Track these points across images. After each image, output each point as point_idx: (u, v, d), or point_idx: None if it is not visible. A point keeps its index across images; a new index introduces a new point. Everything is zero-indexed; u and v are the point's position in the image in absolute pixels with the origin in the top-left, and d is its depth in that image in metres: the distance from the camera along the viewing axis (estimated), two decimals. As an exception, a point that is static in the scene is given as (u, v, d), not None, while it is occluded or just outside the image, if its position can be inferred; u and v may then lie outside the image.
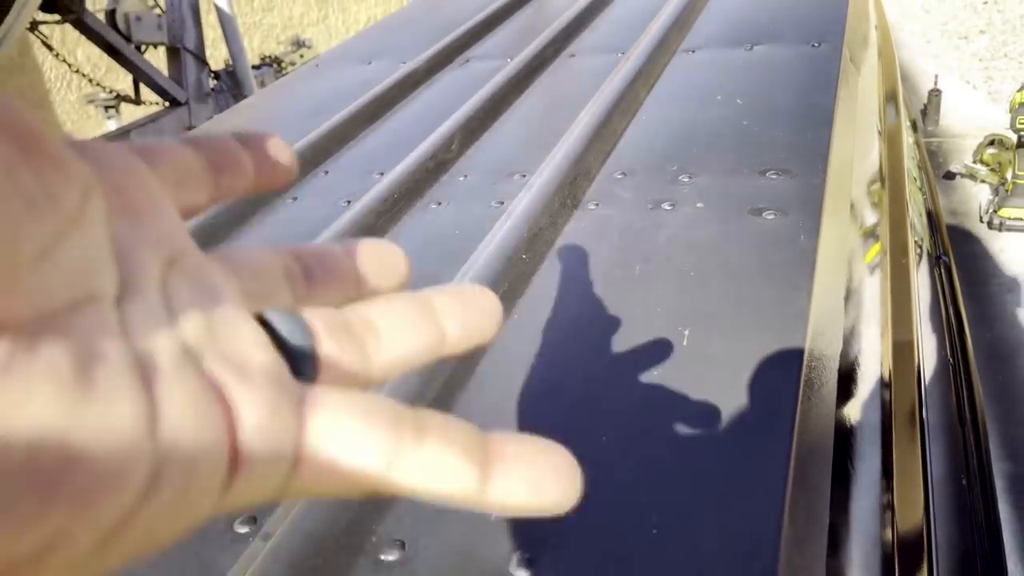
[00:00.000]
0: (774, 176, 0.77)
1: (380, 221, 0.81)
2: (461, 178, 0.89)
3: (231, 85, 2.99)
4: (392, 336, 0.17)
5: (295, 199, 0.90)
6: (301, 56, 3.28)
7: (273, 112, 1.24)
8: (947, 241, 1.32)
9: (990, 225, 1.35)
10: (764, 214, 0.71)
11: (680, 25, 1.23)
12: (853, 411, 0.61)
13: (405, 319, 0.17)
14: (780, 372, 0.53)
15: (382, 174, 0.91)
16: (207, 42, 3.42)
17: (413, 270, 0.63)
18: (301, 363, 0.15)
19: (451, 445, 0.15)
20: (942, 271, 1.18)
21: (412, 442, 0.14)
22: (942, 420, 0.89)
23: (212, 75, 2.97)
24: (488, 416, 0.53)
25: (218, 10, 2.94)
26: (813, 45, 1.08)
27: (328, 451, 0.14)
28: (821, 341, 0.58)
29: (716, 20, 1.24)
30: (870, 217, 0.90)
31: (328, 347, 0.16)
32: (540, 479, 0.15)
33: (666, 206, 0.75)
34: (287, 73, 3.28)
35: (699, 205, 0.74)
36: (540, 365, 0.57)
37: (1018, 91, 1.32)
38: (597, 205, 0.78)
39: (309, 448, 0.14)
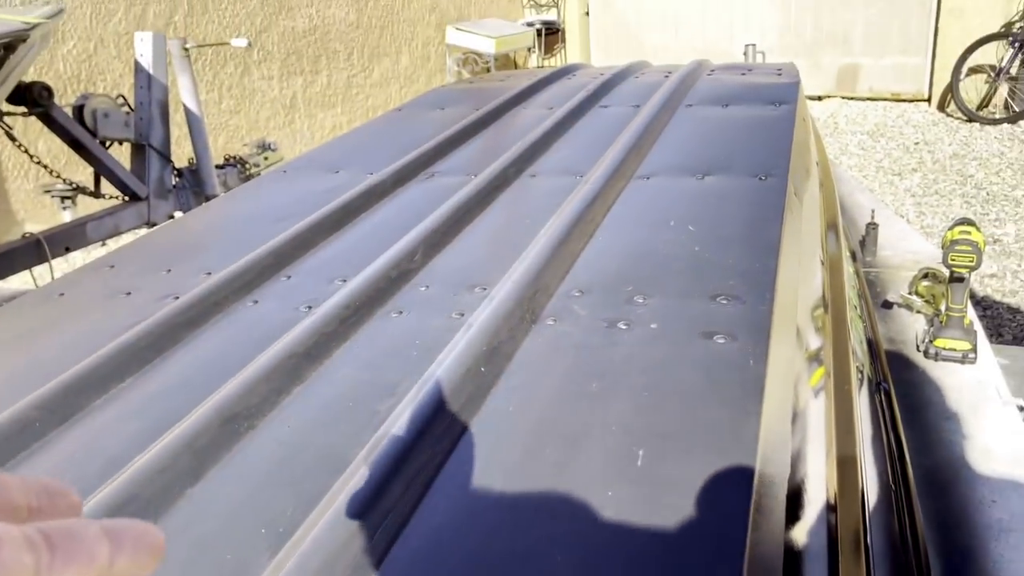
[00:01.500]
0: (724, 301, 0.80)
1: (341, 327, 0.81)
2: (423, 288, 0.90)
3: (193, 183, 3.02)
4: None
5: (256, 302, 0.91)
6: (265, 158, 3.34)
7: (239, 215, 1.26)
8: (886, 368, 1.38)
9: (926, 354, 1.41)
10: (715, 338, 0.74)
11: (636, 153, 1.29)
12: (800, 535, 0.62)
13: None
14: (731, 496, 0.54)
15: (345, 281, 0.93)
16: (172, 139, 3.46)
17: (373, 378, 0.64)
18: None
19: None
20: (882, 397, 1.22)
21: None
22: (885, 546, 0.90)
23: (175, 172, 2.99)
24: (445, 531, 0.53)
25: (186, 110, 3.00)
26: (760, 178, 1.14)
27: None
28: (770, 465, 0.60)
29: (669, 150, 1.31)
30: (814, 343, 0.94)
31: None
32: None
33: (621, 325, 0.78)
34: (251, 174, 3.32)
35: (653, 326, 0.77)
36: (495, 479, 0.57)
37: (950, 228, 1.40)
38: (555, 321, 0.80)
39: None
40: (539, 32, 8.09)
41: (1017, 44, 6.13)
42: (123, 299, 0.95)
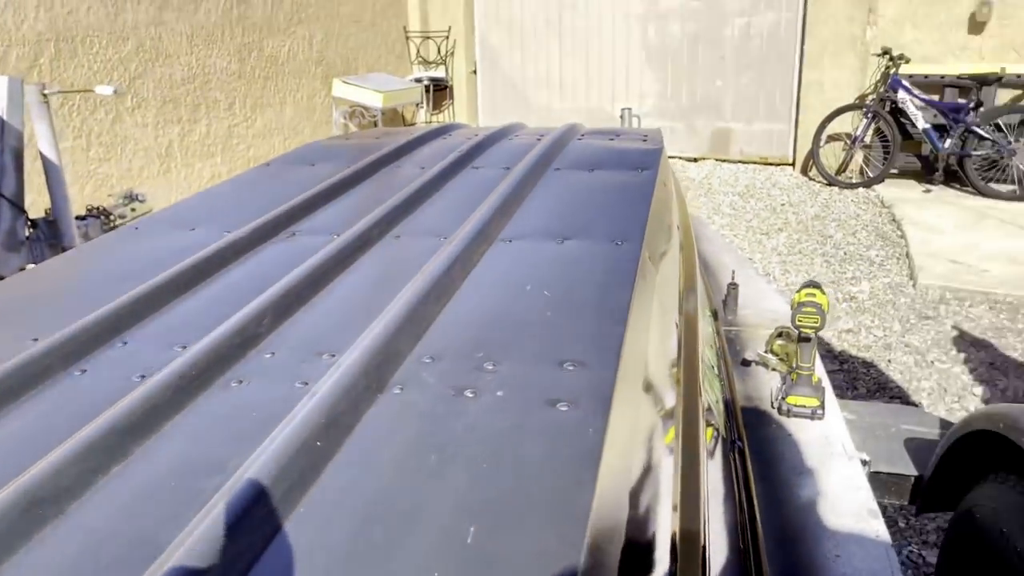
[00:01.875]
0: (571, 368, 0.81)
1: (174, 398, 0.77)
2: (268, 355, 0.87)
3: (49, 235, 2.84)
4: None
5: (83, 371, 0.85)
6: (133, 210, 3.19)
7: (80, 274, 1.19)
8: (742, 426, 1.42)
9: (780, 411, 1.47)
10: (558, 406, 0.74)
11: (501, 215, 1.31)
12: (636, 607, 0.62)
13: None
14: (558, 569, 0.53)
15: (184, 347, 0.88)
16: (34, 188, 3.27)
17: (202, 454, 0.60)
18: None
19: None
20: (735, 455, 1.26)
21: None
22: (733, 607, 0.92)
23: (29, 223, 2.82)
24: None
25: (43, 158, 2.84)
26: (617, 243, 1.17)
27: None
28: (603, 535, 0.59)
29: (534, 213, 1.34)
30: (664, 405, 0.96)
31: None
32: None
33: (468, 393, 0.77)
34: (115, 225, 3.17)
35: (499, 394, 0.77)
36: (318, 565, 0.54)
37: (798, 291, 1.48)
38: (402, 390, 0.78)
39: None
40: (427, 88, 8.18)
41: (870, 115, 6.65)
42: (-68, 368, 0.87)
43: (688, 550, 0.79)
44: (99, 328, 0.93)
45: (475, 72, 8.75)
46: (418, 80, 8.17)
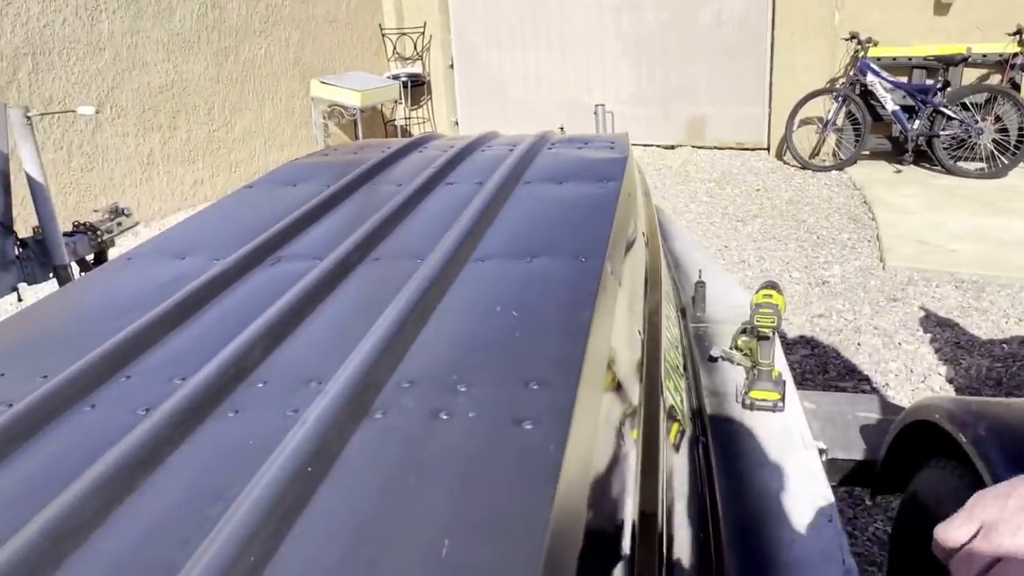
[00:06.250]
0: (535, 387, 0.90)
1: (178, 431, 0.85)
2: (260, 385, 0.95)
3: (39, 253, 2.90)
4: None
5: (93, 407, 0.93)
6: (119, 224, 3.25)
7: (81, 309, 1.26)
8: (707, 422, 1.52)
9: (743, 405, 1.57)
10: (523, 424, 0.83)
11: (474, 234, 1.39)
12: (593, 602, 0.71)
13: None
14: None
15: (184, 379, 0.96)
16: (18, 201, 3.32)
17: (205, 484, 0.70)
18: None
19: None
20: (700, 451, 1.36)
21: None
22: (691, 594, 1.01)
23: (18, 243, 2.87)
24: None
25: (29, 179, 2.90)
26: (581, 260, 1.26)
27: None
28: (560, 543, 0.68)
29: (504, 231, 1.42)
30: (625, 415, 1.05)
31: None
32: None
33: (443, 415, 0.85)
34: (103, 240, 3.23)
35: (471, 415, 0.85)
36: (314, 580, 0.63)
37: (756, 292, 1.58)
38: (384, 414, 0.87)
39: None
40: (405, 84, 8.23)
41: (841, 98, 6.77)
42: (-48, 409, 0.95)
43: (646, 547, 0.88)
44: (104, 364, 1.01)
45: (452, 67, 8.79)
46: (395, 77, 8.22)
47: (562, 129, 2.60)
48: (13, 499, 0.77)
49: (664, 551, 0.93)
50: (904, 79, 6.58)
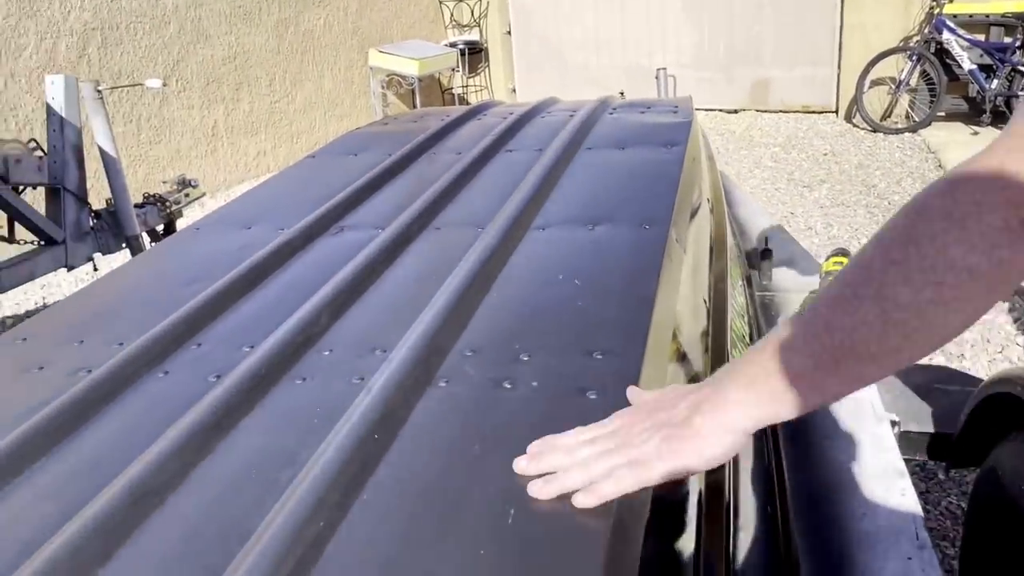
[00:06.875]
0: (599, 356, 0.89)
1: (247, 397, 0.87)
2: (326, 353, 0.97)
3: (112, 224, 3.00)
4: None
5: (166, 373, 0.95)
6: (187, 195, 3.33)
7: (152, 278, 1.30)
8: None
9: (811, 375, 1.52)
10: (587, 394, 0.82)
11: (534, 202, 1.38)
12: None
13: None
14: (584, 547, 0.62)
15: (252, 347, 0.98)
16: (89, 174, 3.43)
17: (276, 448, 0.71)
18: None
19: None
20: (765, 422, 1.33)
21: None
22: (757, 565, 1.00)
23: (92, 214, 2.97)
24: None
25: (101, 152, 2.98)
26: (644, 227, 1.24)
27: None
28: (627, 513, 0.68)
29: (565, 199, 1.40)
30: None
31: None
32: None
33: (506, 384, 0.85)
34: (171, 212, 3.31)
35: (534, 384, 0.85)
36: (386, 546, 0.64)
37: (826, 259, 1.53)
38: (447, 383, 0.87)
39: None
40: (462, 52, 8.19)
41: (915, 57, 6.49)
42: (36, 374, 0.99)
43: (712, 517, 0.87)
44: (176, 332, 1.03)
45: (509, 33, 8.71)
46: (453, 45, 8.18)
47: (622, 94, 2.55)
48: (95, 460, 0.80)
49: (731, 522, 0.92)
50: (981, 37, 6.26)
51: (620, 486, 0.65)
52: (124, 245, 3.07)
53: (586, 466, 0.67)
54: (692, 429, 0.67)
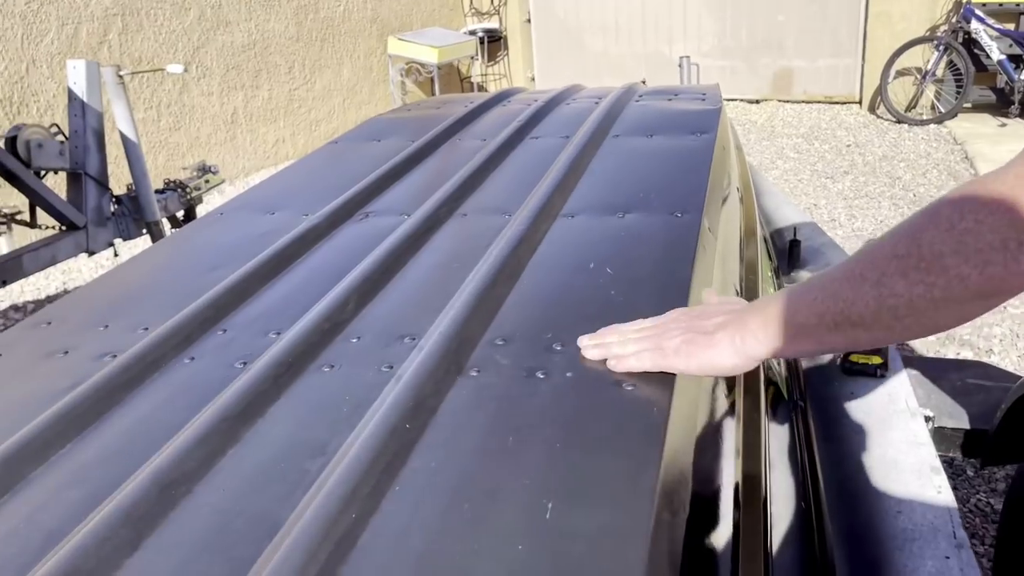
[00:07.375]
0: (635, 347, 0.86)
1: (275, 385, 0.85)
2: (354, 340, 0.95)
3: (133, 210, 2.99)
4: None
5: (192, 359, 0.94)
6: (207, 181, 3.32)
7: (176, 263, 1.28)
8: (804, 386, 1.46)
9: (843, 369, 1.50)
10: (623, 385, 0.80)
11: (562, 189, 1.35)
12: (700, 570, 0.68)
13: None
14: (626, 543, 0.60)
15: (279, 333, 0.96)
16: (110, 159, 3.43)
17: (304, 437, 0.69)
18: None
19: None
20: (798, 416, 1.30)
21: None
22: (793, 563, 0.97)
23: (113, 200, 2.97)
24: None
25: (122, 137, 2.98)
26: (676, 215, 1.21)
27: None
28: (666, 508, 0.65)
29: (594, 186, 1.38)
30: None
31: None
32: None
33: (540, 374, 0.83)
34: (192, 198, 3.31)
35: (568, 375, 0.83)
36: (418, 538, 0.62)
37: (856, 252, 1.49)
38: (479, 372, 0.85)
39: None
40: (481, 40, 8.15)
41: (941, 47, 6.38)
42: (60, 359, 0.98)
43: (750, 512, 0.84)
44: (201, 317, 1.02)
45: (529, 21, 8.65)
46: (472, 32, 8.14)
47: (644, 82, 2.51)
48: (121, 447, 0.78)
49: (767, 519, 0.89)
50: (1011, 26, 6.14)
51: (640, 363, 0.81)
52: (144, 231, 3.07)
53: (625, 344, 0.83)
54: (711, 340, 0.81)
